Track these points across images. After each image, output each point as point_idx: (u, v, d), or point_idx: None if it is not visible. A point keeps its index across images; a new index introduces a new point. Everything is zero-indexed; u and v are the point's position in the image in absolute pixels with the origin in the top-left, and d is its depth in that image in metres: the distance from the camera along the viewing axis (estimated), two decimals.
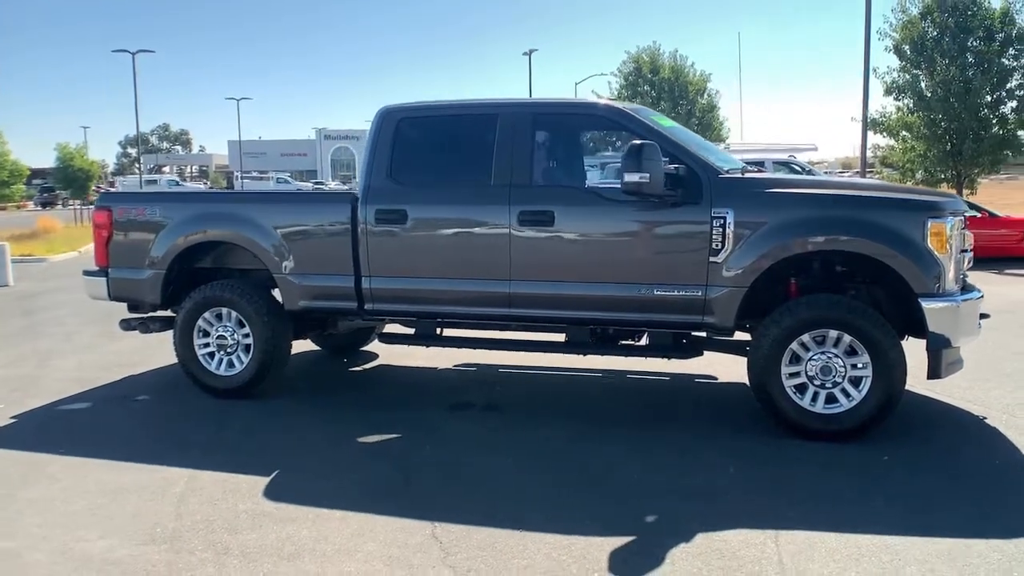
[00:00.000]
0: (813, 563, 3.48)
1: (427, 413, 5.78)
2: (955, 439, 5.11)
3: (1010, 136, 20.64)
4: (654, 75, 36.08)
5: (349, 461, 4.86)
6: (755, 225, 4.98)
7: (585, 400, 6.20)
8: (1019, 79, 20.38)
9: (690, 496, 4.23)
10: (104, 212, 6.38)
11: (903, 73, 21.42)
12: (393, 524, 3.90)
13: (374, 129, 5.83)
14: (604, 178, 6.08)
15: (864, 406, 4.90)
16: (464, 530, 3.81)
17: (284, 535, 3.80)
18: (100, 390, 6.56)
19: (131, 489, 4.41)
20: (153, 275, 6.23)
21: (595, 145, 19.84)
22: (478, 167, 5.58)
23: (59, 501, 4.26)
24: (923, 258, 4.79)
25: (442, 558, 3.56)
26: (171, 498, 4.27)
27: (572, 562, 3.51)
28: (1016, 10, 19.92)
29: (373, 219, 5.67)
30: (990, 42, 19.96)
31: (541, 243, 5.38)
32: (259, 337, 5.99)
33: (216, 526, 3.92)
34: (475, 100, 5.92)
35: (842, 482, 4.41)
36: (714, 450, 4.93)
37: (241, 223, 5.97)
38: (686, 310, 5.18)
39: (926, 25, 20.71)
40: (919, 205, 4.94)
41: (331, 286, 5.87)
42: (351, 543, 3.71)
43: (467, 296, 5.59)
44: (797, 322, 4.95)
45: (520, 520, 3.93)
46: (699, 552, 3.58)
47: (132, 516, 4.06)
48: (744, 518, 3.92)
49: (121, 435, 5.40)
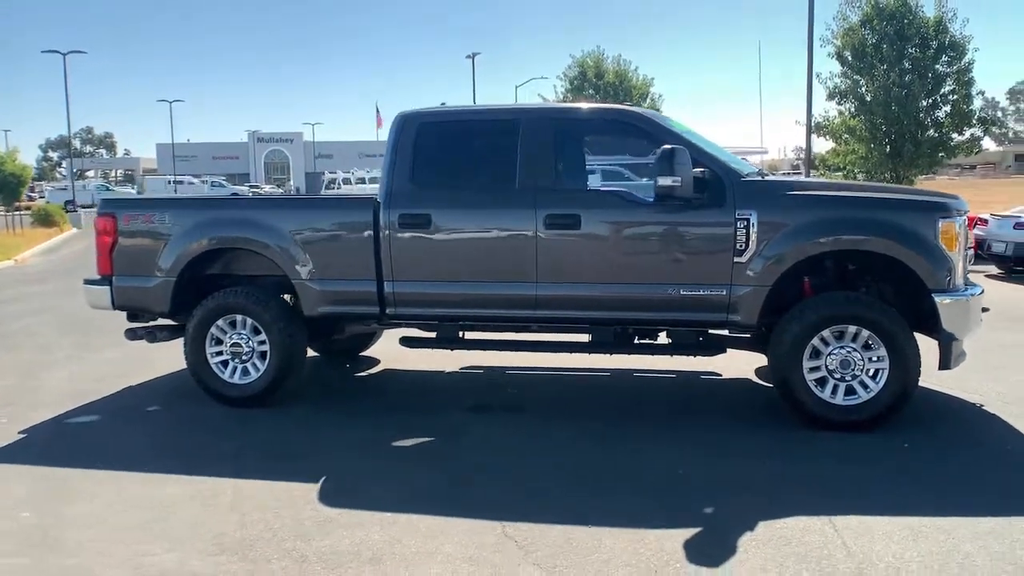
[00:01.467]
0: (875, 544, 3.67)
1: (450, 416, 5.82)
2: (962, 426, 5.43)
3: (945, 139, 21.73)
4: (599, 79, 36.63)
5: (391, 465, 4.87)
6: (778, 226, 5.19)
7: (600, 399, 6.33)
8: (951, 85, 21.46)
9: (736, 489, 4.39)
10: (108, 219, 6.22)
11: (844, 79, 22.31)
12: (461, 525, 3.95)
13: (394, 134, 5.85)
14: (604, 181, 6.22)
15: (882, 397, 5.16)
16: (535, 528, 3.88)
17: (357, 540, 3.80)
18: (103, 402, 6.38)
19: (178, 501, 4.34)
20: (162, 283, 6.10)
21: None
22: (502, 171, 5.65)
23: (108, 516, 4.16)
24: (935, 256, 5.08)
25: (523, 556, 3.63)
26: (224, 508, 4.22)
27: (651, 554, 3.62)
28: (949, 19, 20.99)
29: (396, 223, 5.68)
30: (925, 49, 20.98)
31: (567, 246, 5.49)
32: (276, 344, 5.93)
33: (284, 534, 3.89)
34: (494, 105, 6.00)
35: (870, 470, 4.64)
36: (740, 444, 5.11)
37: (258, 228, 5.90)
38: (711, 309, 5.36)
39: (866, 32, 21.60)
40: (930, 206, 5.23)
41: (352, 291, 5.85)
42: (427, 545, 3.74)
43: (493, 299, 5.65)
44: (818, 318, 5.18)
45: (583, 516, 4.02)
46: (766, 540, 3.74)
47: (191, 527, 4.00)
48: (793, 507, 4.09)
49: (143, 447, 5.28)
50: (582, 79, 36.97)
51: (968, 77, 21.11)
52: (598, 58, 37.39)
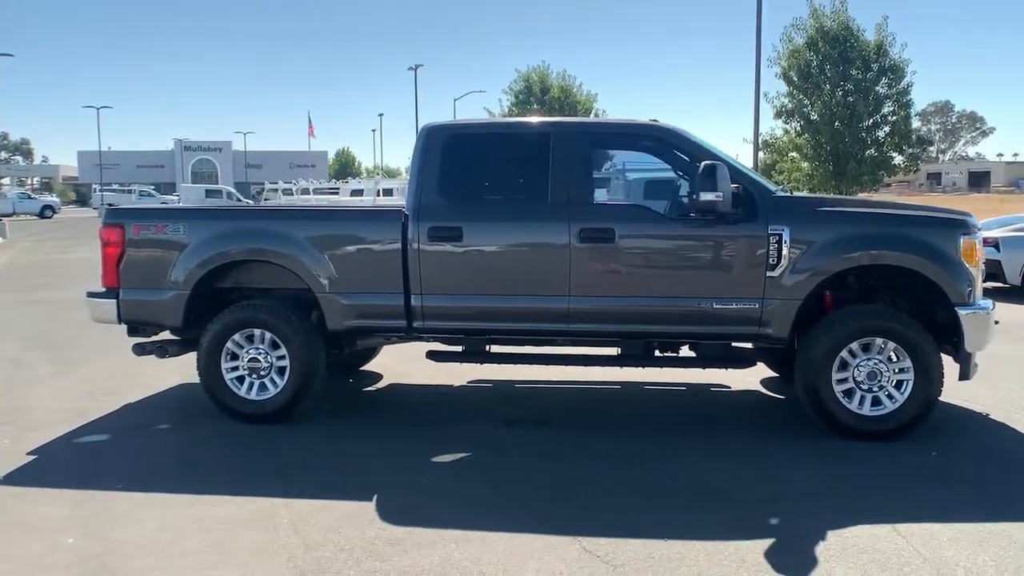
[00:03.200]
0: (945, 551, 3.80)
1: (479, 430, 5.77)
2: (980, 434, 5.66)
3: (886, 157, 22.74)
4: (544, 94, 37.03)
5: (439, 481, 4.80)
6: (810, 241, 5.34)
7: (621, 413, 6.37)
8: (890, 106, 22.49)
9: (789, 498, 4.48)
10: (115, 229, 5.95)
11: (790, 98, 23.13)
12: (536, 541, 3.91)
13: (421, 147, 5.79)
14: (611, 195, 6.28)
15: (907, 408, 5.34)
16: (613, 543, 3.88)
17: (437, 559, 3.73)
18: (107, 421, 6.08)
19: (231, 522, 4.17)
20: (175, 296, 5.87)
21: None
22: (533, 184, 5.66)
23: (163, 540, 3.96)
24: (958, 271, 5.31)
25: (611, 571, 3.62)
26: (284, 529, 4.08)
27: (735, 566, 3.66)
28: (889, 43, 22.00)
29: (426, 237, 5.61)
30: (867, 72, 21.94)
31: (601, 260, 5.53)
32: (297, 359, 5.77)
33: (357, 554, 3.79)
34: (523, 119, 6.01)
35: (906, 477, 4.81)
36: (773, 454, 5.23)
37: (282, 240, 5.75)
38: (743, 322, 5.46)
39: (810, 55, 22.46)
40: (952, 223, 5.46)
41: (379, 304, 5.75)
42: (511, 563, 3.69)
43: (526, 312, 5.63)
44: (848, 332, 5.34)
45: (652, 530, 4.04)
46: (842, 549, 3.82)
47: (256, 551, 3.85)
48: (852, 515, 4.19)
49: (169, 466, 5.06)
50: (527, 93, 37.32)
51: (907, 99, 22.18)
52: (543, 73, 37.85)
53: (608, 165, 6.29)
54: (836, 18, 22.09)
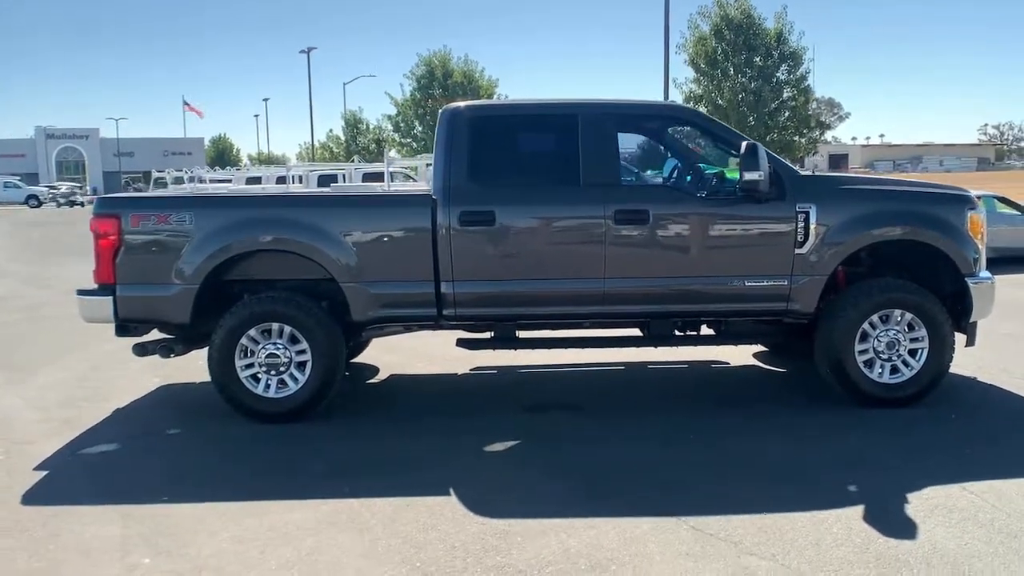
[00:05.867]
0: (1017, 503, 4.04)
1: (510, 418, 5.68)
2: (978, 396, 6.04)
3: (789, 140, 23.91)
4: (447, 78, 36.63)
5: (503, 471, 4.70)
6: (835, 218, 5.53)
7: (640, 392, 6.43)
8: (790, 91, 23.62)
9: (851, 466, 4.63)
10: (109, 220, 5.45)
11: (697, 84, 23.90)
12: (643, 525, 3.87)
13: (446, 129, 5.60)
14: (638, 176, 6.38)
15: (923, 376, 5.64)
16: (717, 521, 3.90)
17: (558, 549, 3.64)
18: (104, 429, 5.59)
19: (314, 527, 3.93)
20: (182, 291, 5.45)
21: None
22: (564, 167, 5.59)
23: (251, 552, 3.68)
24: (967, 244, 5.64)
25: (732, 548, 3.64)
26: (377, 530, 3.88)
27: (844, 533, 3.75)
28: (788, 32, 23.08)
29: (457, 222, 5.45)
30: (768, 58, 22.95)
31: (635, 241, 5.53)
32: (321, 353, 5.49)
33: (471, 550, 3.65)
34: (548, 100, 5.91)
35: (942, 437, 5.12)
36: (810, 427, 5.39)
37: (304, 229, 5.43)
38: (772, 299, 5.61)
39: (716, 42, 23.26)
40: (960, 199, 5.79)
41: (407, 293, 5.54)
42: (631, 548, 3.65)
43: (560, 296, 5.57)
44: (872, 304, 5.58)
45: (743, 503, 4.10)
46: (930, 509, 4.00)
47: (363, 555, 3.64)
48: (920, 478, 4.38)
49: (203, 473, 4.71)
50: (430, 78, 36.82)
51: (805, 85, 23.36)
52: (445, 57, 37.41)
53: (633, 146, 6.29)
54: (739, 6, 22.94)
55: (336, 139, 52.47)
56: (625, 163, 6.25)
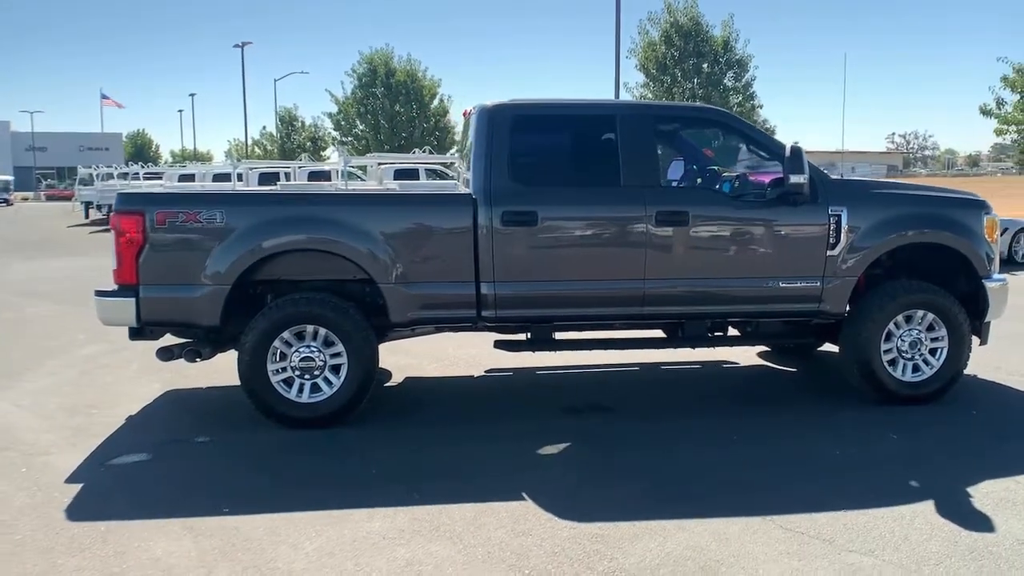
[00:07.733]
0: None
1: (552, 421, 5.62)
2: (985, 392, 6.29)
3: None
4: (389, 77, 36.14)
5: (567, 475, 4.62)
6: (866, 221, 5.68)
7: (667, 393, 6.45)
8: (737, 98, 24.23)
9: (906, 462, 4.77)
10: (132, 217, 5.16)
11: (647, 89, 24.27)
12: (733, 526, 3.88)
13: (484, 128, 5.50)
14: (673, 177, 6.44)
15: (943, 374, 5.85)
16: (801, 519, 3.95)
17: (660, 552, 3.62)
18: (124, 437, 5.28)
19: (398, 537, 3.79)
20: (212, 292, 5.21)
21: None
22: (604, 167, 5.58)
23: (347, 565, 3.53)
24: (983, 246, 5.88)
25: (828, 546, 3.68)
26: (465, 537, 3.77)
27: (931, 529, 3.85)
28: (734, 40, 23.68)
29: (500, 222, 5.37)
30: (716, 65, 23.49)
31: (676, 242, 5.56)
32: (358, 355, 5.33)
33: (573, 555, 3.59)
34: (585, 100, 5.87)
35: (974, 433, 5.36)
36: (848, 424, 5.52)
37: (343, 229, 5.25)
38: (804, 300, 5.72)
39: (665, 48, 23.68)
40: (977, 203, 6.02)
41: (447, 294, 5.43)
42: (731, 548, 3.66)
43: (601, 297, 5.56)
44: (898, 305, 5.75)
45: (814, 501, 4.17)
46: (995, 503, 4.14)
47: (465, 564, 3.53)
48: (973, 472, 4.54)
49: (253, 483, 4.48)
50: (372, 76, 36.28)
51: (751, 92, 24.02)
52: (387, 56, 36.90)
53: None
54: (687, 13, 23.42)
55: (270, 136, 51.26)
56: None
